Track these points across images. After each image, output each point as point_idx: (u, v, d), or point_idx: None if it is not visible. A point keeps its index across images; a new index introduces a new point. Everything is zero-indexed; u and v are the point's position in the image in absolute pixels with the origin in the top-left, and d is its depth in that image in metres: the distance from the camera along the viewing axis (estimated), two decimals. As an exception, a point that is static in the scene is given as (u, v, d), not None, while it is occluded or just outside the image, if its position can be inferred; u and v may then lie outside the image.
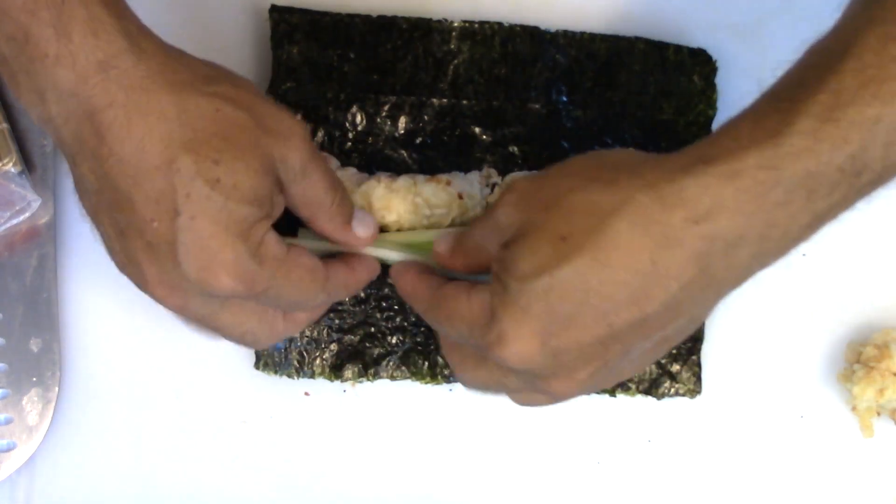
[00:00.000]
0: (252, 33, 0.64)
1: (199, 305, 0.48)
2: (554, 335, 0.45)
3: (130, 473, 0.62)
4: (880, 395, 0.61)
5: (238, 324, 0.51)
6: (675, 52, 0.64)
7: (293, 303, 0.51)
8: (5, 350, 0.61)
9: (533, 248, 0.45)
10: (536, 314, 0.45)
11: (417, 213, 0.59)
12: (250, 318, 0.51)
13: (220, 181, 0.45)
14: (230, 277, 0.46)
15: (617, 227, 0.44)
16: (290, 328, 0.53)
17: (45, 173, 0.62)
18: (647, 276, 0.44)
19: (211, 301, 0.49)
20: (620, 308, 0.44)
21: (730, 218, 0.43)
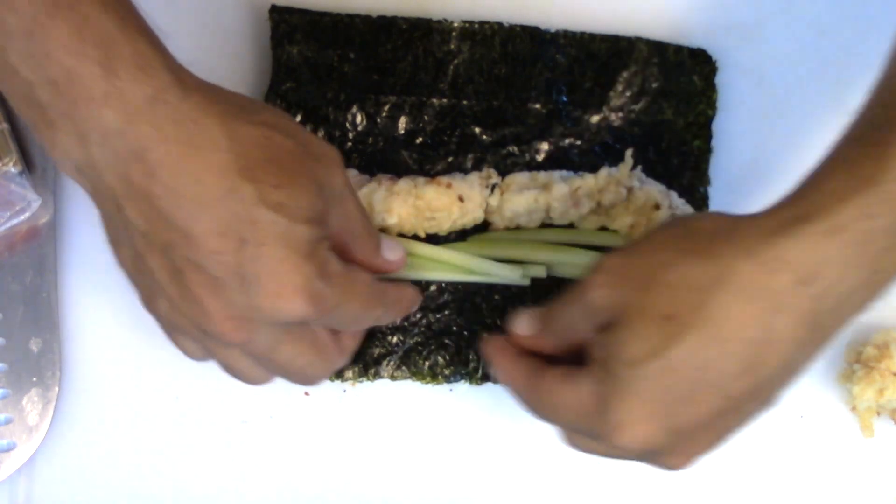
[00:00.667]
0: (252, 33, 0.64)
1: (265, 337, 0.48)
2: (672, 416, 0.45)
3: (130, 473, 0.62)
4: (880, 395, 0.61)
5: (299, 354, 0.50)
6: (675, 52, 0.64)
7: (355, 318, 0.51)
8: (5, 350, 0.61)
9: (638, 331, 0.45)
10: (651, 398, 0.45)
11: (418, 215, 0.60)
12: (310, 349, 0.51)
13: (284, 204, 0.45)
14: (303, 299, 0.46)
15: (722, 299, 0.44)
16: (342, 355, 0.54)
17: (45, 173, 0.62)
18: (760, 344, 0.44)
19: (276, 331, 0.48)
20: (736, 379, 0.44)
21: (837, 273, 0.43)
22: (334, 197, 0.49)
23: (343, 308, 0.49)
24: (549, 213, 0.61)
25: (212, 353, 0.51)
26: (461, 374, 0.62)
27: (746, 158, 0.66)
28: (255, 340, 0.47)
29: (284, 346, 0.49)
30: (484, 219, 0.62)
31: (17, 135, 0.62)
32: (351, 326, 0.53)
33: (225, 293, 0.45)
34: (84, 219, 0.63)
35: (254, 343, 0.48)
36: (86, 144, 0.44)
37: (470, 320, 0.62)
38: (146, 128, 0.43)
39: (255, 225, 0.44)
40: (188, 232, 0.44)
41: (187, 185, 0.44)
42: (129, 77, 0.43)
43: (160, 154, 0.44)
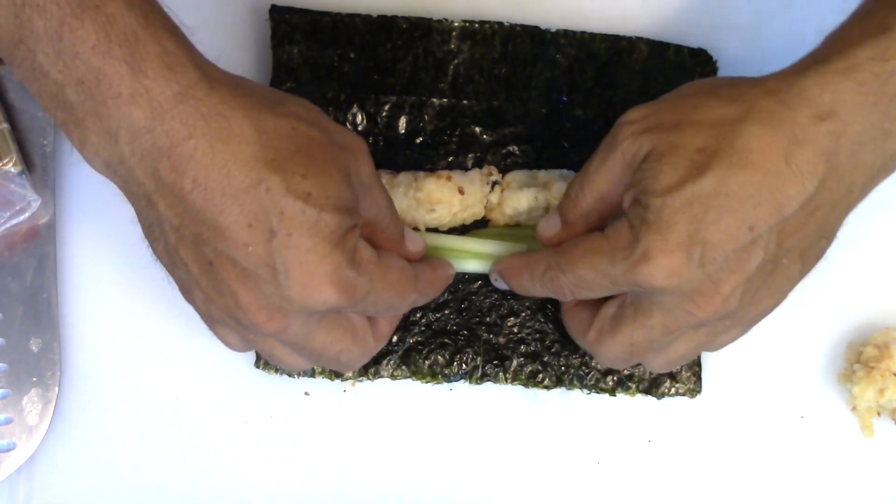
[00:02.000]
0: (252, 33, 0.64)
1: (298, 326, 0.48)
2: (698, 243, 0.46)
3: (130, 473, 0.62)
4: (880, 395, 0.61)
5: (334, 341, 0.51)
6: (675, 52, 0.64)
7: (389, 304, 0.51)
8: (5, 350, 0.61)
9: (672, 163, 0.47)
10: (680, 226, 0.46)
11: (419, 208, 0.60)
12: (344, 335, 0.51)
13: (311, 194, 0.45)
14: (333, 288, 0.46)
15: (748, 130, 0.46)
16: (378, 341, 0.54)
17: (45, 173, 0.62)
18: (782, 175, 0.46)
19: (310, 319, 0.48)
20: (760, 209, 0.46)
21: (851, 112, 0.45)
22: (363, 186, 0.49)
23: (377, 295, 0.49)
24: (548, 212, 0.61)
25: (251, 343, 0.52)
26: (461, 373, 0.62)
27: (746, 158, 0.65)
28: (289, 330, 0.48)
29: (319, 334, 0.49)
30: (483, 215, 0.62)
31: (17, 135, 0.62)
32: (387, 313, 0.53)
33: (256, 284, 0.46)
34: (84, 219, 0.63)
35: (288, 332, 0.48)
36: (115, 142, 0.44)
37: (469, 319, 0.62)
38: (174, 124, 0.44)
39: (282, 215, 0.45)
40: (218, 225, 0.45)
41: (216, 179, 0.44)
42: (155, 75, 0.44)
43: (188, 149, 0.44)
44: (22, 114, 0.62)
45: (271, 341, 0.51)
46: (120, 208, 0.63)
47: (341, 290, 0.46)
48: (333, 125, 0.49)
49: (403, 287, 0.51)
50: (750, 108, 0.47)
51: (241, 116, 0.45)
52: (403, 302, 0.52)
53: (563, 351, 0.62)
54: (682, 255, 0.46)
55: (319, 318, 0.49)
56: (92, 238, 0.63)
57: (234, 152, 0.44)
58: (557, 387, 0.62)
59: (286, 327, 0.48)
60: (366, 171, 0.49)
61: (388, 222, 0.53)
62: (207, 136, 0.44)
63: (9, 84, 0.62)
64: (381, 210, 0.52)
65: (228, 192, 0.44)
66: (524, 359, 0.62)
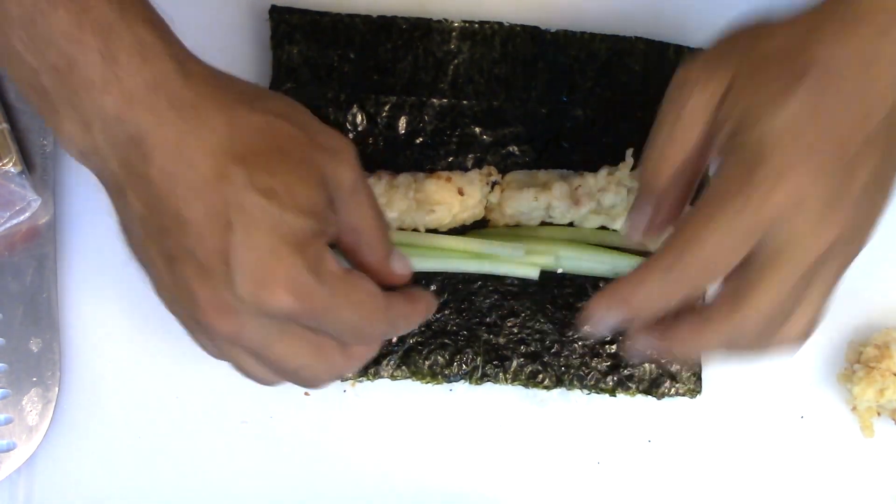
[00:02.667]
0: (252, 33, 0.64)
1: (254, 330, 0.46)
2: (816, 154, 0.44)
3: (130, 473, 0.62)
4: (880, 395, 0.61)
5: (294, 355, 0.48)
6: (675, 52, 0.64)
7: (353, 329, 0.48)
8: (5, 350, 0.61)
9: (764, 78, 0.45)
10: (794, 141, 0.44)
11: (419, 209, 0.60)
12: (307, 349, 0.48)
13: (276, 192, 0.44)
14: (287, 293, 0.44)
15: (820, 48, 0.45)
16: (349, 364, 0.50)
17: (45, 173, 0.62)
18: (864, 85, 0.45)
19: (268, 326, 0.46)
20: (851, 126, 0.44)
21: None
22: (343, 192, 0.47)
23: (337, 313, 0.46)
24: (549, 212, 0.61)
25: (219, 350, 0.50)
26: (461, 374, 0.62)
27: (746, 158, 0.65)
28: (244, 333, 0.46)
29: (278, 344, 0.47)
30: (483, 216, 0.62)
31: (17, 135, 0.62)
32: (353, 339, 0.49)
33: (212, 281, 0.44)
34: (84, 219, 0.63)
35: (244, 336, 0.46)
36: (89, 131, 0.44)
37: (469, 320, 0.62)
38: (145, 114, 0.43)
39: (242, 210, 0.43)
40: (179, 215, 0.44)
41: (181, 170, 0.43)
42: (128, 64, 0.43)
43: (157, 139, 0.43)
44: (22, 114, 0.62)
45: (235, 349, 0.48)
46: (120, 208, 0.63)
47: (297, 297, 0.44)
48: (319, 126, 0.48)
49: (369, 313, 0.48)
50: (811, 29, 0.45)
51: (214, 109, 0.44)
52: (369, 329, 0.48)
53: (563, 351, 0.62)
54: (806, 169, 0.44)
55: (279, 327, 0.46)
56: (92, 238, 0.63)
57: (202, 144, 0.43)
58: (557, 387, 0.62)
59: (240, 330, 0.45)
60: (348, 176, 0.47)
61: (372, 236, 0.50)
62: (177, 127, 0.43)
63: (9, 84, 0.62)
64: (363, 220, 0.49)
65: (193, 183, 0.43)
66: (524, 359, 0.62)
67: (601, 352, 0.62)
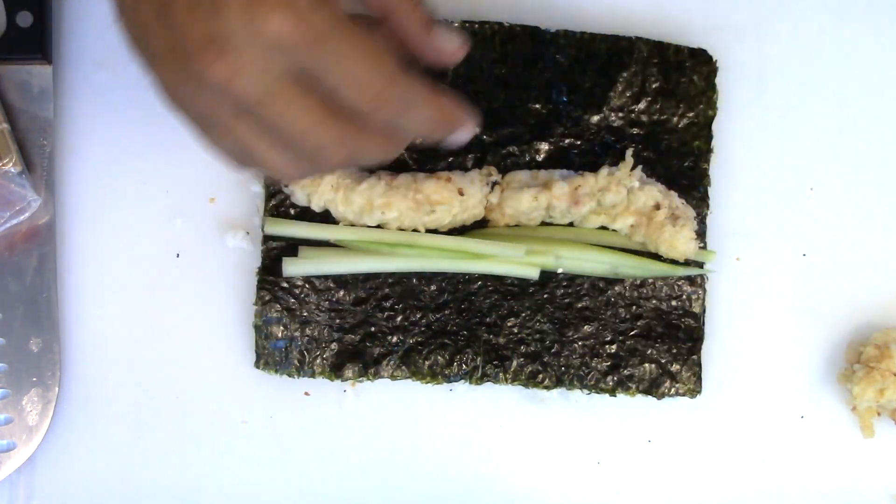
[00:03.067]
0: (252, 33, 0.64)
1: (252, 75, 0.41)
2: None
3: (130, 473, 0.62)
4: (880, 395, 0.61)
5: (300, 112, 0.43)
6: (675, 52, 0.64)
7: (355, 82, 0.43)
8: (5, 350, 0.61)
9: None
10: None
11: (419, 209, 0.60)
12: (315, 108, 0.43)
13: None
14: (283, 14, 0.40)
15: None
16: (360, 140, 0.45)
17: (45, 173, 0.62)
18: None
19: (266, 70, 0.41)
20: None
21: None
22: None
23: (337, 52, 0.41)
24: (549, 212, 0.61)
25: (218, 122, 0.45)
26: (461, 374, 0.62)
27: (746, 158, 0.65)
28: (239, 77, 0.41)
29: (279, 96, 0.42)
30: (483, 216, 0.62)
31: (17, 135, 0.62)
32: (356, 98, 0.43)
33: (201, 11, 0.40)
34: (84, 219, 0.63)
35: (239, 82, 0.41)
36: None
37: (469, 320, 0.62)
38: None
39: None
40: None
41: None
42: None
43: None
44: (22, 114, 0.62)
45: (236, 119, 0.44)
46: (120, 208, 0.63)
47: (292, 20, 0.40)
48: None
49: (376, 66, 0.42)
50: None
51: None
52: (372, 88, 0.43)
53: (563, 351, 0.62)
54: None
55: (278, 74, 0.42)
56: (92, 238, 0.63)
57: None
58: (557, 387, 0.62)
59: (235, 72, 0.41)
60: None
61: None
62: None
63: (9, 84, 0.62)
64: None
65: None
66: (524, 359, 0.62)
67: (601, 352, 0.62)
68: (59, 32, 0.64)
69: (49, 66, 0.63)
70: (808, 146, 0.66)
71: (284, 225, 0.61)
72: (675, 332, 0.62)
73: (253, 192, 0.63)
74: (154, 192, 0.64)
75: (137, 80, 0.64)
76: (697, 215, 0.62)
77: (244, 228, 0.63)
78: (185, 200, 0.64)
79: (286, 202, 0.62)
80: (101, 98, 0.64)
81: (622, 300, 0.62)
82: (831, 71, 0.66)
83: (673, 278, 0.62)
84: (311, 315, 0.61)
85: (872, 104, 0.66)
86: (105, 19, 0.64)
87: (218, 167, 0.63)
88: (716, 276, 0.64)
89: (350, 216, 0.60)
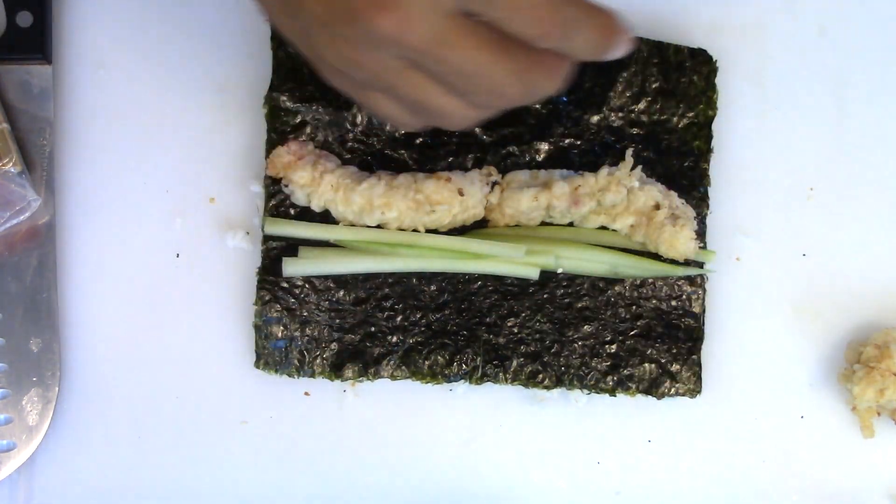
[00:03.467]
0: (252, 33, 0.64)
1: (424, 25, 0.41)
2: None
3: (130, 473, 0.62)
4: (880, 395, 0.61)
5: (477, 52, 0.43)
6: (675, 52, 0.64)
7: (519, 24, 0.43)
8: (5, 350, 0.61)
9: None
10: None
11: (418, 209, 0.60)
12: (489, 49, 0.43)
13: None
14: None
15: None
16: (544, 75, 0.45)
17: (45, 173, 0.62)
18: None
19: (436, 20, 0.41)
20: None
21: None
22: None
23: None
24: (549, 212, 0.61)
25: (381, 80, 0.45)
26: (461, 374, 0.62)
27: (746, 158, 0.66)
28: (411, 29, 0.41)
29: (451, 37, 0.42)
30: (483, 216, 0.62)
31: (17, 135, 0.62)
32: (528, 28, 0.43)
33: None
34: (84, 219, 0.63)
35: (412, 33, 0.41)
36: None
37: (469, 320, 0.62)
38: None
39: None
40: None
41: None
42: None
43: None
44: (22, 114, 0.62)
45: (403, 70, 0.44)
46: (120, 208, 0.63)
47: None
48: None
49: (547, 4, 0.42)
50: None
51: None
52: (539, 13, 0.42)
53: (563, 351, 0.62)
54: None
55: (445, 17, 0.41)
56: (92, 238, 0.63)
57: None
58: (557, 387, 0.62)
59: (405, 21, 0.41)
60: None
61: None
62: None
63: (9, 84, 0.62)
64: None
65: None
66: (524, 359, 0.62)
67: (601, 352, 0.62)
68: (59, 32, 0.64)
69: (49, 66, 0.63)
70: (808, 146, 0.66)
71: (284, 225, 0.61)
72: (675, 332, 0.62)
73: (253, 192, 0.63)
74: (154, 192, 0.64)
75: (137, 80, 0.64)
76: (697, 215, 0.62)
77: (244, 228, 0.63)
78: (185, 200, 0.64)
79: (286, 202, 0.62)
80: (101, 98, 0.64)
81: (622, 300, 0.62)
82: (831, 71, 0.66)
83: (673, 278, 0.62)
84: (311, 315, 0.61)
85: (872, 104, 0.66)
86: (105, 19, 0.65)
87: (218, 167, 0.64)
88: (716, 276, 0.64)
89: (350, 216, 0.60)
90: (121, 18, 0.64)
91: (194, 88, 0.64)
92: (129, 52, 0.64)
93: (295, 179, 0.60)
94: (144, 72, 0.64)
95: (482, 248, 0.60)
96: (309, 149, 0.61)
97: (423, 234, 0.60)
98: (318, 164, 0.60)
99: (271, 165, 0.60)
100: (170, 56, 0.64)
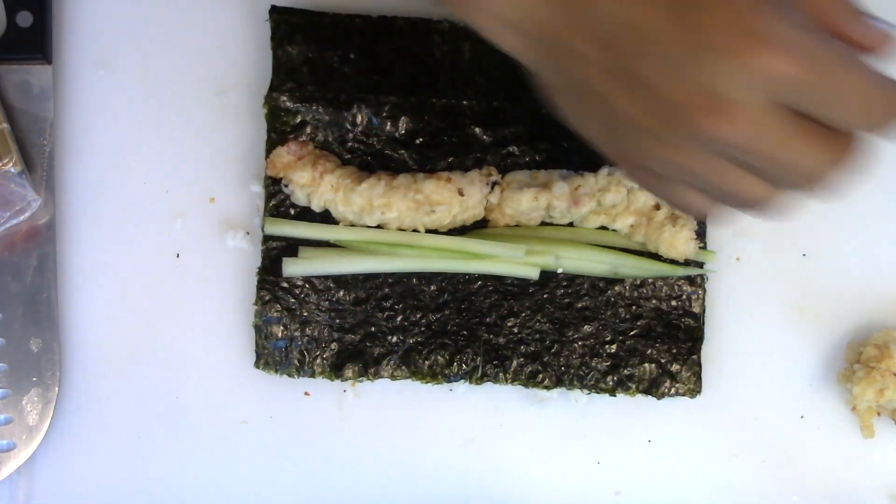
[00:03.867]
0: (252, 33, 0.64)
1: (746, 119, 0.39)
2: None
3: (130, 473, 0.62)
4: (880, 395, 0.61)
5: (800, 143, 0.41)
6: (675, 52, 0.64)
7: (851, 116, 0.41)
8: (5, 350, 0.61)
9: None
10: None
11: (418, 209, 0.60)
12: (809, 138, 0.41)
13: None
14: (784, 53, 0.38)
15: None
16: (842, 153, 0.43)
17: (45, 173, 0.62)
18: None
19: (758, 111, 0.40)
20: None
21: None
22: None
23: (843, 86, 0.39)
24: (549, 212, 0.61)
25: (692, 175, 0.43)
26: (461, 373, 0.62)
27: (746, 158, 0.66)
28: (735, 125, 0.40)
29: (774, 127, 0.40)
30: (483, 216, 0.62)
31: (17, 135, 0.62)
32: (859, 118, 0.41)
33: (685, 70, 0.39)
34: (84, 219, 0.63)
35: (739, 133, 0.40)
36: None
37: (469, 320, 0.62)
38: None
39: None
40: (630, 20, 0.40)
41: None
42: None
43: None
44: (22, 114, 0.62)
45: (719, 162, 0.42)
46: (120, 208, 0.63)
47: (795, 57, 0.38)
48: None
49: (879, 83, 0.40)
50: None
51: None
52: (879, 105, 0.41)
53: (563, 351, 0.62)
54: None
55: (773, 116, 0.40)
56: (92, 238, 0.63)
57: None
58: (557, 387, 0.62)
59: (737, 121, 0.39)
60: None
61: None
62: None
63: (9, 84, 0.62)
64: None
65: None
66: (524, 359, 0.62)
67: (601, 352, 0.62)
68: (59, 32, 0.64)
69: (49, 66, 0.63)
70: (808, 146, 0.66)
71: (284, 225, 0.61)
72: (675, 332, 0.62)
73: (253, 192, 0.63)
74: (154, 192, 0.64)
75: (137, 80, 0.64)
76: (697, 215, 0.62)
77: (244, 228, 0.63)
78: (185, 200, 0.64)
79: (286, 202, 0.62)
80: (101, 98, 0.64)
81: (622, 300, 0.62)
82: (831, 71, 0.66)
83: (673, 278, 0.62)
84: (311, 315, 0.61)
85: (872, 104, 0.66)
86: (105, 19, 0.65)
87: (218, 167, 0.64)
88: (716, 276, 0.64)
89: (350, 216, 0.60)
90: (121, 18, 0.64)
91: (194, 89, 0.64)
92: (129, 52, 0.64)
93: (295, 179, 0.60)
94: (144, 72, 0.64)
95: (482, 248, 0.60)
96: (309, 149, 0.61)
97: (423, 234, 0.60)
98: (318, 164, 0.60)
99: (271, 165, 0.60)
100: (170, 56, 0.64)
